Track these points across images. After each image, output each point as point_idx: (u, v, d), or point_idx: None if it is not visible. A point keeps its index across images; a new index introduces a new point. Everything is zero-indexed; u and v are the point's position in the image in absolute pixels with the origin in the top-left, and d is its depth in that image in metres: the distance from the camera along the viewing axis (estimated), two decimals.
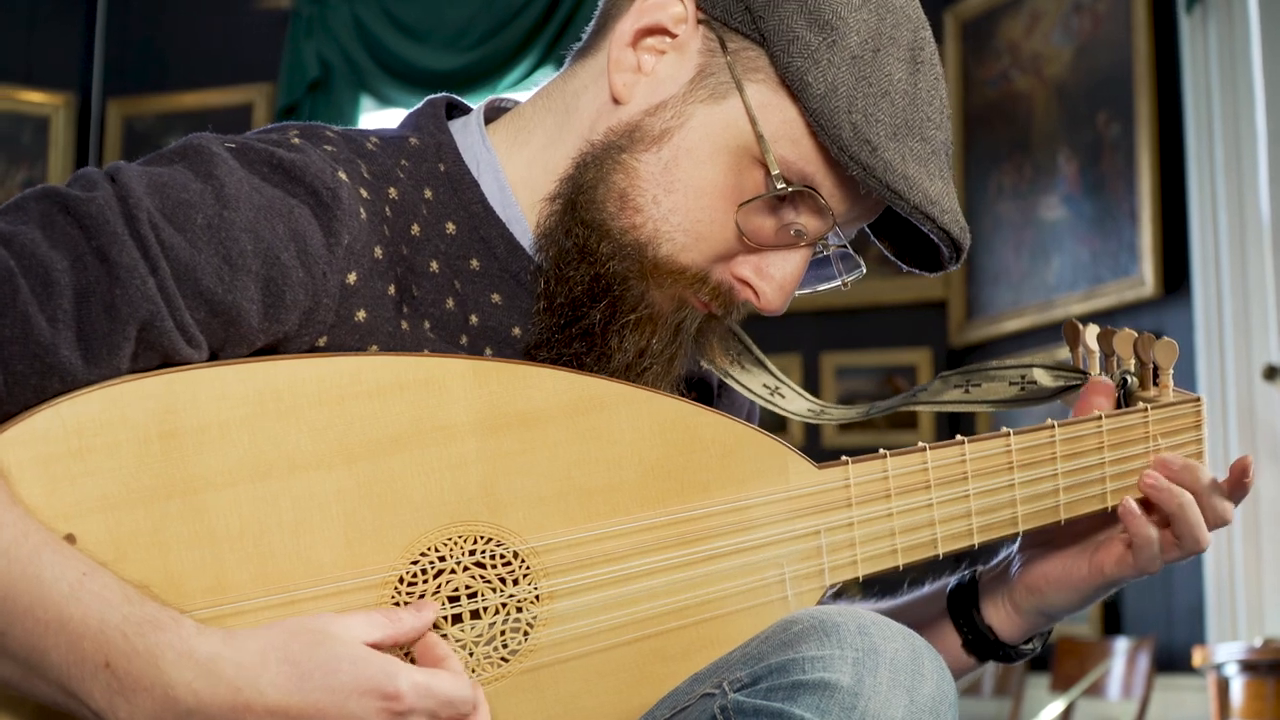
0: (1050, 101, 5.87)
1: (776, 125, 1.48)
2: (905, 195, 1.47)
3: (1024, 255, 5.93)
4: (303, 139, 1.45)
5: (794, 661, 1.34)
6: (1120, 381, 1.65)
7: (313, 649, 1.25)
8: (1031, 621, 1.70)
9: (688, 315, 1.52)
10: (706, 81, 1.49)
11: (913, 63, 1.51)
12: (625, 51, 1.52)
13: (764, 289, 1.51)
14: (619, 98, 1.52)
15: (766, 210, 1.49)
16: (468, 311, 1.51)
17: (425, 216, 1.50)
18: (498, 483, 1.39)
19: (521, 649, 1.41)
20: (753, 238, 1.49)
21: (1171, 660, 5.14)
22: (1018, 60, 6.03)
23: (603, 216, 1.49)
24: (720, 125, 1.48)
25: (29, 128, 7.10)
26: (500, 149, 1.57)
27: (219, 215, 1.34)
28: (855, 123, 1.46)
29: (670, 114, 1.50)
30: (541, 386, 1.41)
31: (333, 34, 6.88)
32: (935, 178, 1.50)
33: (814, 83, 1.46)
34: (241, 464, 1.32)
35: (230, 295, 1.34)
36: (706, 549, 1.46)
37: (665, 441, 1.44)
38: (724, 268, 1.52)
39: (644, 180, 1.49)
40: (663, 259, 1.49)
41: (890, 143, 1.47)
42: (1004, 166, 6.07)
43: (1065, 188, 5.76)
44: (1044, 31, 5.90)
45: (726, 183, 1.49)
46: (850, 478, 1.51)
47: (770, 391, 1.67)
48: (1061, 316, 5.65)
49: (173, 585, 1.30)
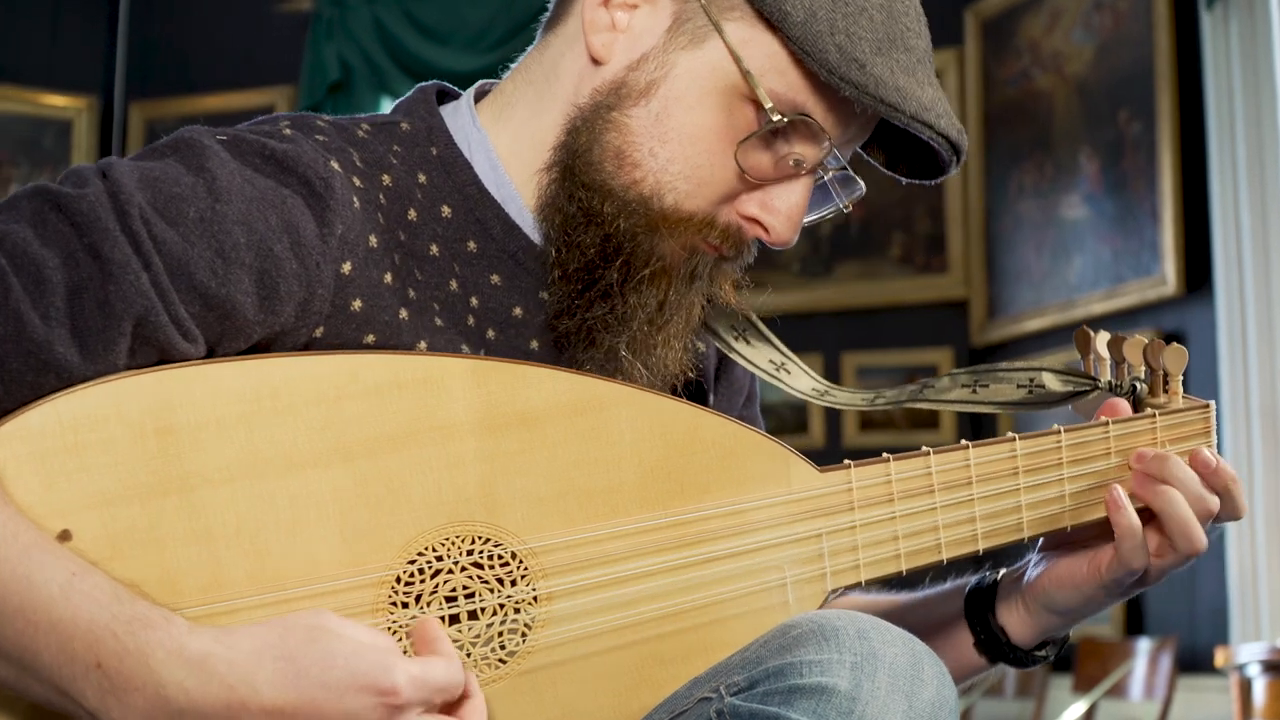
0: (1071, 100, 5.84)
1: (761, 59, 1.48)
2: (901, 107, 1.47)
3: (1045, 254, 5.91)
4: (294, 129, 1.45)
5: (791, 666, 1.33)
6: (1129, 388, 1.63)
7: (307, 645, 1.25)
8: (1041, 621, 1.68)
9: (699, 261, 1.53)
10: (684, 27, 1.50)
11: None
12: (598, 11, 1.52)
13: (772, 223, 1.52)
14: (599, 58, 1.52)
15: (763, 145, 1.49)
16: (469, 293, 1.50)
17: (420, 201, 1.50)
18: (496, 483, 1.38)
19: (519, 651, 1.40)
20: (754, 174, 1.49)
21: (1194, 661, 5.11)
22: (1038, 58, 6.01)
23: (602, 177, 1.49)
24: (705, 69, 1.49)
25: (51, 131, 7.12)
26: (488, 127, 1.56)
27: (211, 208, 1.34)
28: (840, 44, 1.46)
29: (653, 65, 1.50)
30: (540, 387, 1.40)
31: (353, 36, 6.89)
32: (925, 85, 1.50)
33: (792, 10, 1.46)
34: (238, 461, 1.31)
35: (224, 288, 1.33)
36: (706, 552, 1.45)
37: (665, 442, 1.44)
38: (729, 209, 1.52)
39: (637, 135, 1.49)
40: (669, 209, 1.49)
41: (877, 57, 1.47)
42: (1025, 165, 6.05)
43: (1086, 186, 5.73)
44: (1064, 29, 5.88)
45: (720, 124, 1.49)
46: (853, 481, 1.50)
47: (776, 368, 1.67)
48: (1083, 316, 5.63)
49: (168, 582, 1.29)
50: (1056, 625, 1.68)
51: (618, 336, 1.49)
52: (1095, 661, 5.30)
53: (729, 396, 1.77)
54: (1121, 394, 1.63)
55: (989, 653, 1.70)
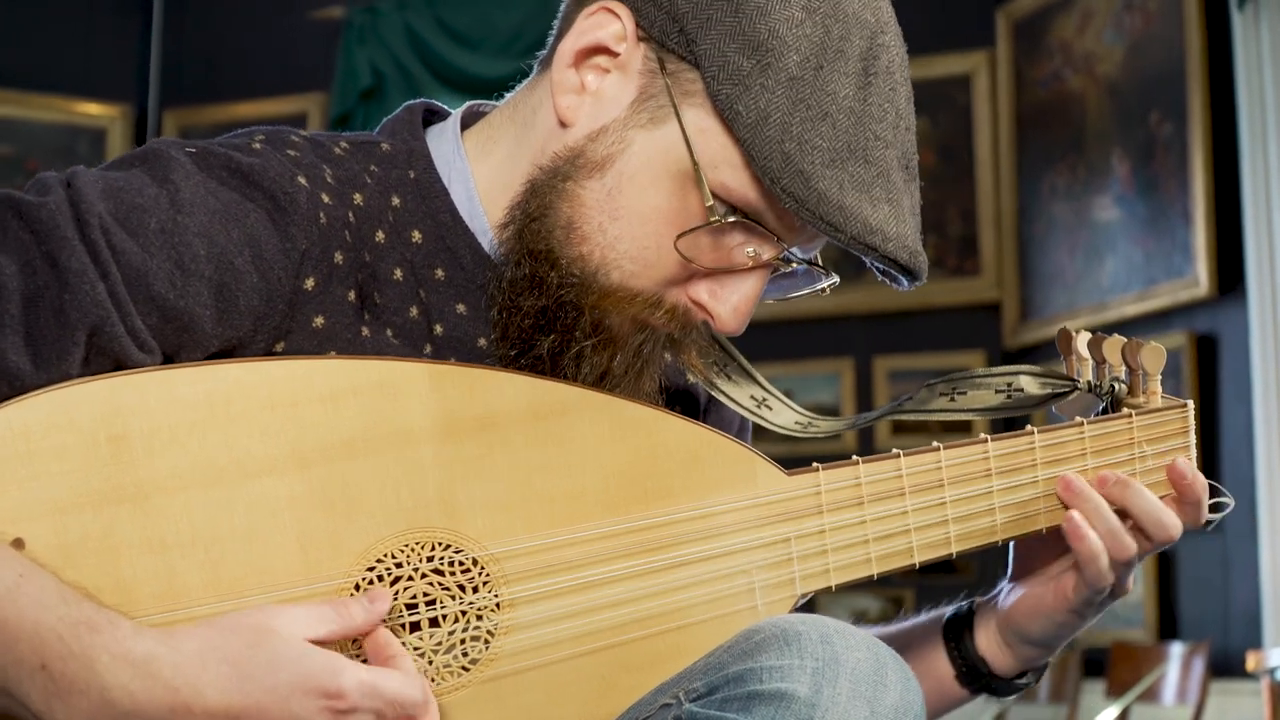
0: (1102, 101, 5.81)
1: (715, 151, 1.44)
2: (841, 227, 1.42)
3: (1078, 256, 5.87)
4: (265, 144, 1.44)
5: (752, 671, 1.31)
6: (1109, 389, 1.61)
7: (252, 648, 1.24)
8: (1019, 653, 1.65)
9: (648, 336, 1.49)
10: (647, 104, 1.46)
11: (864, 75, 1.45)
12: (567, 72, 1.49)
13: (719, 311, 1.48)
14: (564, 120, 1.48)
15: (712, 236, 1.46)
16: (432, 321, 1.49)
17: (391, 224, 1.48)
18: (456, 488, 1.37)
19: (482, 658, 1.39)
20: (698, 263, 1.46)
21: (1228, 665, 5.06)
22: (1070, 59, 5.98)
23: (550, 245, 1.46)
24: (660, 151, 1.45)
25: (85, 139, 7.16)
26: (470, 157, 1.55)
27: (173, 220, 1.33)
28: (788, 151, 1.41)
29: (612, 139, 1.46)
30: (500, 391, 1.39)
31: (385, 42, 6.90)
32: (880, 202, 1.44)
33: (744, 111, 1.41)
34: (192, 468, 1.31)
35: (182, 300, 1.33)
36: (672, 556, 1.43)
37: (628, 447, 1.42)
38: (680, 290, 1.48)
39: (589, 208, 1.46)
40: (613, 285, 1.46)
41: (827, 170, 1.41)
42: (1057, 167, 6.01)
43: (1118, 188, 5.69)
44: (1096, 30, 5.84)
45: (671, 208, 1.45)
46: (821, 484, 1.48)
47: (758, 404, 1.63)
48: (1116, 318, 5.59)
49: (123, 591, 1.29)
50: (1036, 655, 1.65)
51: None
52: (1128, 666, 5.26)
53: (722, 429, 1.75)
54: (1101, 395, 1.61)
55: (970, 684, 1.67)
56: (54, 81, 7.09)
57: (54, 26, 7.12)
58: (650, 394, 1.51)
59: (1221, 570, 5.27)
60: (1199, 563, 5.38)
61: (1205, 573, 5.35)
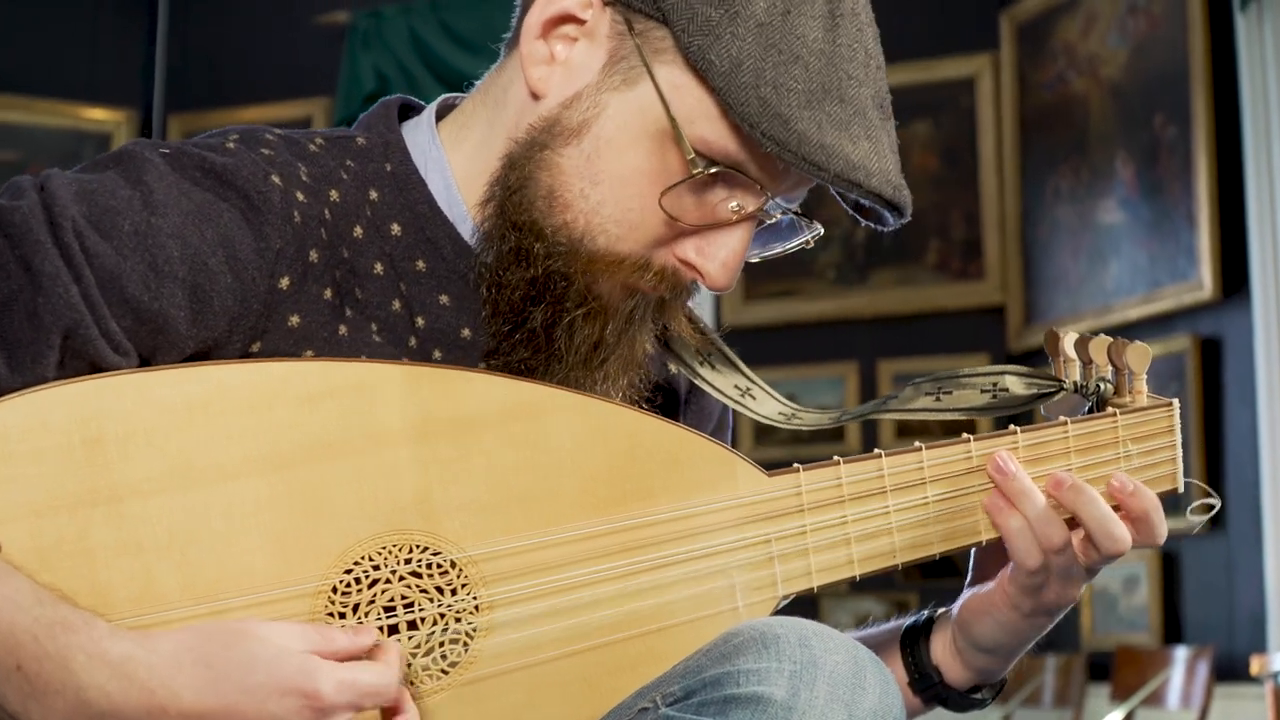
0: (1106, 104, 5.79)
1: (691, 106, 1.43)
2: (824, 165, 1.41)
3: (1081, 259, 5.86)
4: (239, 143, 1.44)
5: (729, 675, 1.31)
6: (1094, 389, 1.60)
7: (227, 650, 1.24)
8: (972, 661, 1.61)
9: (638, 302, 1.49)
10: (619, 67, 1.45)
11: (830, 17, 1.45)
12: (536, 44, 1.48)
13: (708, 268, 1.47)
14: (536, 92, 1.48)
15: (695, 192, 1.45)
16: (414, 314, 1.48)
17: (369, 218, 1.48)
18: (433, 490, 1.36)
19: (462, 660, 1.38)
20: (684, 220, 1.45)
21: (1232, 669, 5.05)
22: (1074, 62, 5.97)
23: (534, 216, 1.46)
24: (636, 111, 1.44)
25: (91, 144, 7.16)
26: (446, 146, 1.54)
27: (146, 221, 1.33)
28: (764, 96, 1.40)
29: (586, 105, 1.46)
30: (476, 392, 1.38)
31: (389, 47, 6.90)
32: (860, 139, 1.44)
33: (717, 60, 1.41)
34: (169, 471, 1.30)
35: (157, 302, 1.33)
36: (652, 558, 1.42)
37: (607, 448, 1.41)
38: (667, 251, 1.48)
39: (569, 175, 1.45)
40: (600, 251, 1.45)
41: (804, 111, 1.41)
42: (1061, 170, 6.00)
43: (1122, 191, 5.68)
44: (1099, 33, 5.83)
45: (651, 168, 1.44)
46: (802, 485, 1.47)
47: (741, 393, 1.63)
48: (1120, 321, 5.58)
49: (99, 594, 1.28)
50: (987, 664, 1.61)
51: (550, 377, 1.46)
52: (1133, 670, 5.25)
53: (697, 423, 1.74)
54: (1087, 395, 1.60)
55: (921, 692, 1.64)
56: (59, 87, 7.10)
57: (59, 32, 7.13)
58: (640, 365, 1.51)
59: (1226, 574, 5.26)
60: (1203, 566, 5.37)
61: (1210, 576, 5.34)
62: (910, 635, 1.65)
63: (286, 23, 7.25)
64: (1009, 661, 1.62)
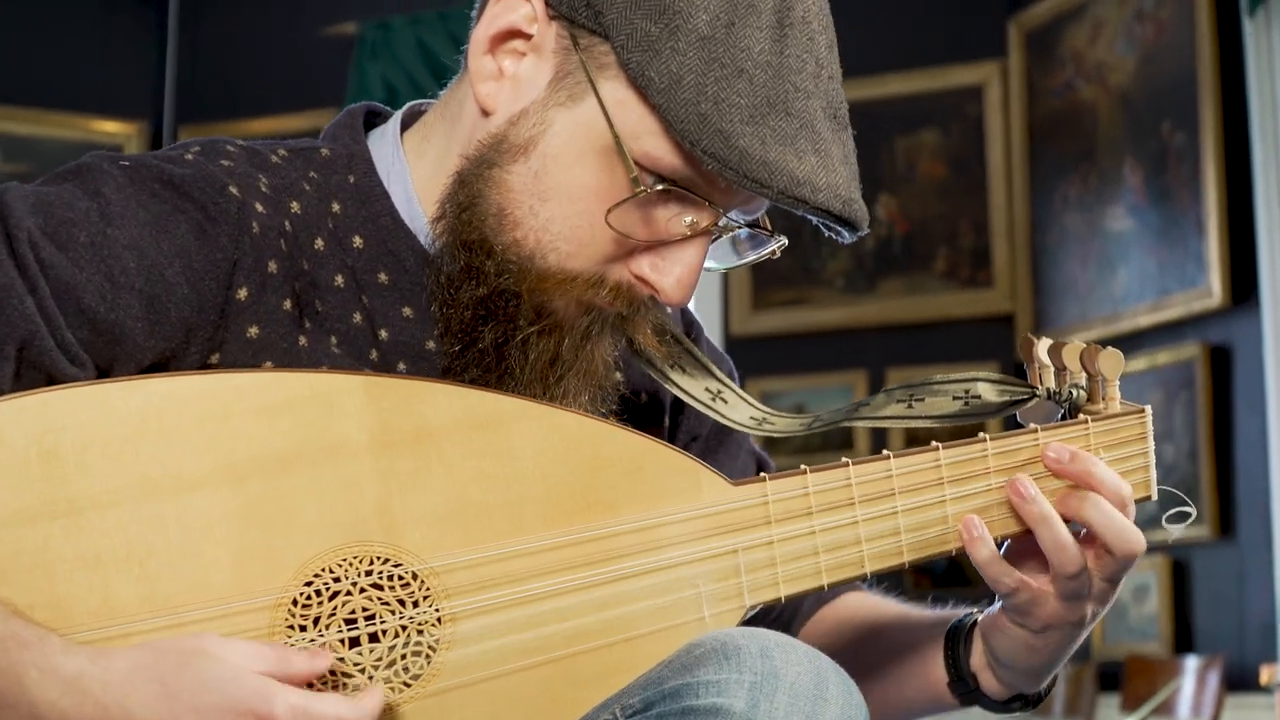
0: (1115, 111, 5.77)
1: (635, 121, 1.41)
2: (767, 182, 1.39)
3: (1090, 267, 5.84)
4: (199, 154, 1.44)
5: (688, 686, 1.29)
6: (1067, 395, 1.58)
7: (182, 669, 1.23)
8: (999, 673, 1.59)
9: (595, 317, 1.48)
10: (564, 82, 1.44)
11: (779, 27, 1.42)
12: (483, 60, 1.47)
13: (662, 284, 1.46)
14: (485, 108, 1.47)
15: (643, 209, 1.44)
16: (377, 326, 1.48)
17: (331, 230, 1.47)
18: (393, 502, 1.36)
19: (425, 673, 1.37)
20: (633, 237, 1.44)
21: (1243, 678, 5.01)
22: (1082, 69, 5.95)
23: (484, 234, 1.45)
24: (582, 127, 1.43)
25: None
26: (409, 157, 1.54)
27: (103, 233, 1.34)
28: (704, 112, 1.38)
29: (533, 121, 1.44)
30: (437, 403, 1.37)
31: (397, 57, 6.90)
32: (806, 153, 1.41)
33: (656, 76, 1.39)
34: (126, 484, 1.30)
35: (113, 313, 1.33)
36: (616, 569, 1.41)
37: (568, 458, 1.40)
38: (621, 266, 1.46)
39: (518, 193, 1.44)
40: (551, 268, 1.44)
41: (747, 126, 1.39)
42: (1070, 178, 5.98)
43: (1131, 198, 5.66)
44: (1107, 40, 5.81)
45: (599, 184, 1.43)
46: (768, 494, 1.45)
47: (712, 396, 1.61)
48: (1129, 329, 5.56)
49: (58, 608, 1.28)
50: (1013, 679, 1.59)
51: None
52: (1143, 680, 5.22)
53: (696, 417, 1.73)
54: (1060, 401, 1.58)
55: (959, 695, 1.63)
56: (70, 99, 7.11)
57: (69, 44, 7.14)
58: (601, 380, 1.50)
59: (1237, 583, 5.23)
60: (1214, 576, 5.34)
61: (1220, 585, 5.31)
62: (953, 635, 1.63)
63: (295, 34, 7.26)
64: (1038, 678, 1.59)
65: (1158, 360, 5.46)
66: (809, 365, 6.44)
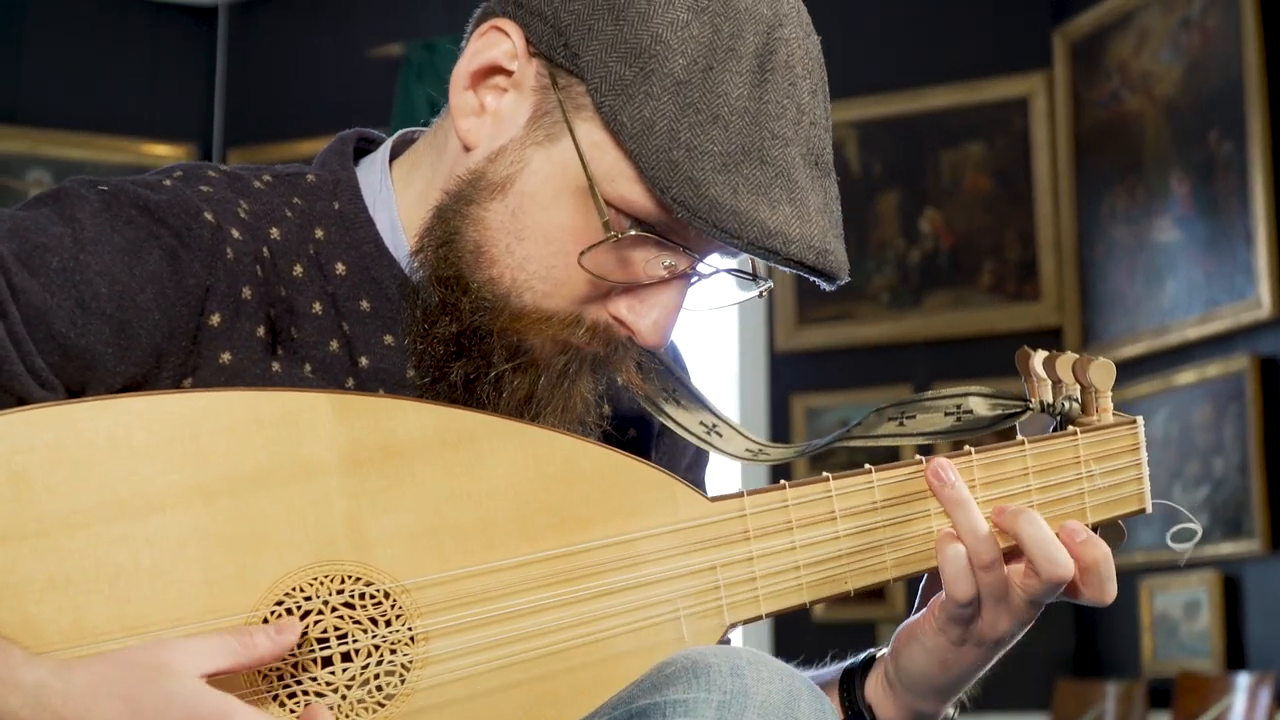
0: (1161, 121, 5.72)
1: (609, 164, 1.40)
2: (737, 233, 1.37)
3: (1138, 279, 5.78)
4: (178, 180, 1.44)
5: (656, 706, 1.28)
6: (1060, 408, 1.56)
7: (145, 685, 1.22)
8: (901, 697, 1.54)
9: (572, 357, 1.46)
10: (542, 121, 1.42)
11: (759, 72, 1.40)
12: (465, 95, 1.47)
13: (639, 326, 1.45)
14: (466, 143, 1.46)
15: (618, 251, 1.42)
16: (356, 354, 1.47)
17: (312, 257, 1.47)
18: (364, 520, 1.35)
19: (398, 693, 1.36)
20: (609, 279, 1.43)
21: None
22: (1127, 80, 5.89)
23: (460, 270, 1.44)
24: (559, 167, 1.42)
25: None
26: (397, 186, 1.53)
27: (75, 258, 1.34)
28: (675, 160, 1.36)
29: (510, 159, 1.43)
30: (405, 420, 1.36)
31: (442, 78, 6.91)
32: (780, 203, 1.39)
33: (628, 121, 1.37)
34: (96, 504, 1.30)
35: (83, 339, 1.33)
36: (592, 587, 1.40)
37: (541, 475, 1.39)
38: (599, 306, 1.45)
39: (494, 230, 1.43)
40: (526, 307, 1.43)
41: (719, 175, 1.36)
42: (1116, 190, 5.92)
43: (1178, 209, 5.60)
44: (1153, 50, 5.76)
45: (575, 225, 1.42)
46: (746, 509, 1.44)
47: (707, 430, 1.59)
48: (1178, 341, 5.50)
49: (30, 629, 1.28)
50: (915, 702, 1.54)
51: None
52: (1194, 697, 5.16)
53: (671, 456, 1.71)
54: (1053, 414, 1.56)
55: None
56: (121, 123, 7.18)
57: (120, 69, 7.22)
58: (581, 416, 1.48)
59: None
60: (1266, 591, 5.27)
61: (1273, 601, 5.24)
62: (849, 672, 1.59)
63: (342, 56, 7.30)
64: (940, 701, 1.54)
65: (1207, 373, 5.40)
66: (854, 381, 6.40)
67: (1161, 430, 5.52)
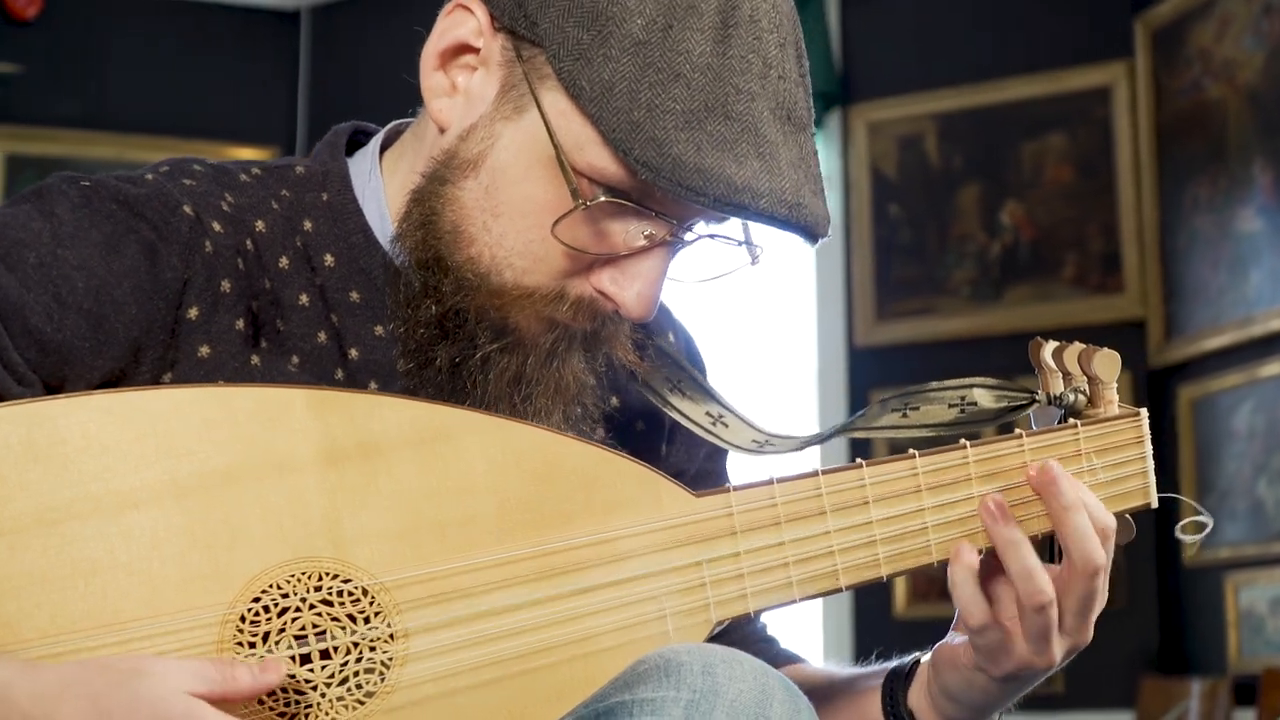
0: (1243, 109, 5.61)
1: (576, 131, 1.38)
2: (701, 190, 1.34)
3: (1221, 270, 5.68)
4: (162, 175, 1.44)
5: (623, 704, 1.26)
6: (1066, 399, 1.52)
7: (116, 687, 1.21)
8: (942, 707, 1.52)
9: (560, 334, 1.45)
10: (510, 95, 1.41)
11: (722, 28, 1.37)
12: (435, 76, 1.46)
13: (623, 298, 1.42)
14: (440, 124, 1.45)
15: (592, 222, 1.40)
16: (346, 345, 1.46)
17: (299, 248, 1.47)
18: (341, 516, 1.34)
19: (379, 690, 1.35)
20: (586, 251, 1.41)
21: None
22: (1209, 67, 5.79)
23: (440, 252, 1.43)
24: (528, 140, 1.40)
25: None
26: (386, 175, 1.52)
27: (52, 254, 1.34)
28: (637, 120, 1.34)
29: (481, 136, 1.42)
30: (383, 416, 1.35)
31: None
32: (747, 158, 1.35)
33: (587, 85, 1.35)
34: (70, 500, 1.29)
35: (60, 334, 1.33)
36: (574, 584, 1.38)
37: (522, 471, 1.38)
38: (582, 280, 1.43)
39: (470, 209, 1.42)
40: (507, 285, 1.42)
41: (682, 133, 1.34)
42: (1199, 179, 5.82)
43: (1261, 198, 5.50)
44: (1234, 36, 5.65)
45: (548, 198, 1.40)
46: (733, 506, 1.41)
47: (713, 420, 1.57)
48: (1262, 333, 5.40)
49: (7, 626, 1.28)
50: (957, 713, 1.52)
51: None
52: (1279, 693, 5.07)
53: (688, 447, 1.69)
54: (1060, 406, 1.52)
55: None
56: (206, 127, 7.24)
57: (205, 74, 7.28)
58: (575, 397, 1.47)
59: None
60: None
61: None
62: (893, 677, 1.57)
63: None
64: (983, 715, 1.52)
65: None
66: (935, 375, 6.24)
67: (1247, 423, 5.42)
